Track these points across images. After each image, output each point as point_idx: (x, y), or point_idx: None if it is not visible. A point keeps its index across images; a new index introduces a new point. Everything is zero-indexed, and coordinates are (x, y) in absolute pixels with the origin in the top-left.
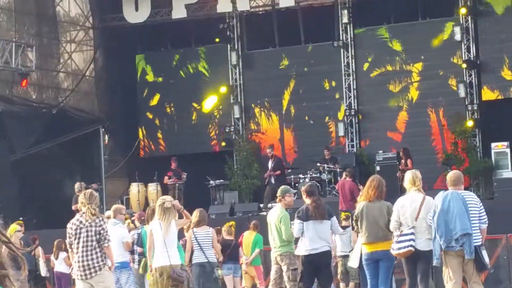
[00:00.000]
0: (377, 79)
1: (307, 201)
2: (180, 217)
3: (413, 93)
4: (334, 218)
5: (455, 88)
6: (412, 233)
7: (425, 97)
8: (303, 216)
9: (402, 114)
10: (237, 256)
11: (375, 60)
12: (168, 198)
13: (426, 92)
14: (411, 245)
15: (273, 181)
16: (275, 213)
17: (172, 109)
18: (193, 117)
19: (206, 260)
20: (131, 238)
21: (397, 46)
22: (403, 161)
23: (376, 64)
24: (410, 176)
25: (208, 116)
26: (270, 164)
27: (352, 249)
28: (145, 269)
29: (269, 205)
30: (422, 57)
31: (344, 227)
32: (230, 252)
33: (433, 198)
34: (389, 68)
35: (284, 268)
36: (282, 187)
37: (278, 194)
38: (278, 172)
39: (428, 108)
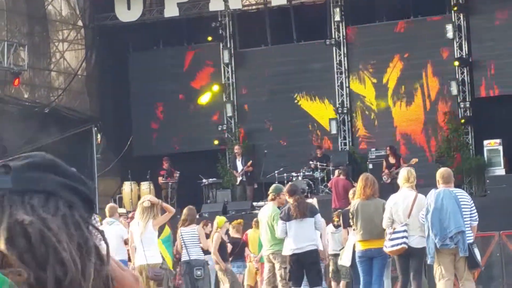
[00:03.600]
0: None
1: (290, 200)
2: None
3: (406, 90)
4: (318, 216)
5: (447, 86)
6: (404, 230)
7: (418, 94)
8: (285, 217)
9: (395, 111)
10: (244, 254)
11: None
12: (147, 197)
13: (419, 89)
14: (404, 242)
15: (244, 179)
16: (268, 211)
17: (165, 107)
18: (186, 116)
19: (189, 258)
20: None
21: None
22: (385, 161)
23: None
24: (404, 173)
25: (200, 115)
26: (239, 163)
27: (342, 248)
28: None
29: (262, 203)
30: (415, 54)
31: (337, 226)
32: (239, 250)
33: (425, 196)
34: (382, 66)
35: (277, 266)
36: (275, 185)
37: (272, 192)
38: (251, 168)
39: (420, 104)
